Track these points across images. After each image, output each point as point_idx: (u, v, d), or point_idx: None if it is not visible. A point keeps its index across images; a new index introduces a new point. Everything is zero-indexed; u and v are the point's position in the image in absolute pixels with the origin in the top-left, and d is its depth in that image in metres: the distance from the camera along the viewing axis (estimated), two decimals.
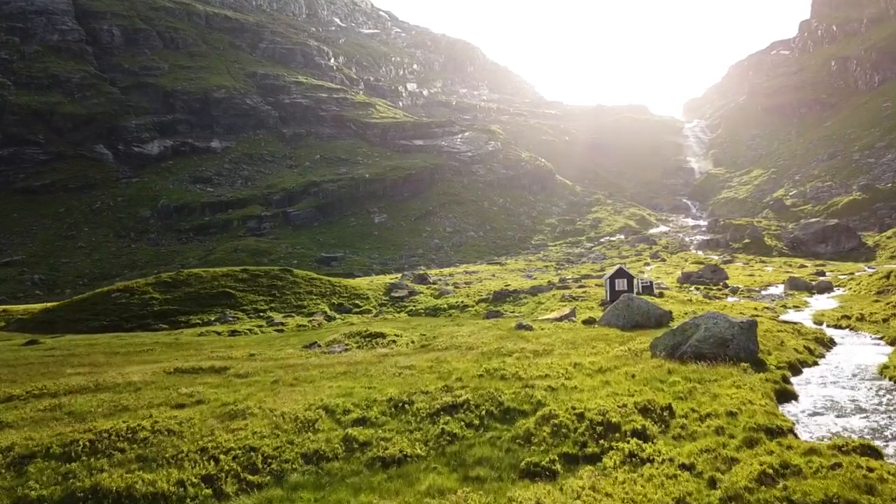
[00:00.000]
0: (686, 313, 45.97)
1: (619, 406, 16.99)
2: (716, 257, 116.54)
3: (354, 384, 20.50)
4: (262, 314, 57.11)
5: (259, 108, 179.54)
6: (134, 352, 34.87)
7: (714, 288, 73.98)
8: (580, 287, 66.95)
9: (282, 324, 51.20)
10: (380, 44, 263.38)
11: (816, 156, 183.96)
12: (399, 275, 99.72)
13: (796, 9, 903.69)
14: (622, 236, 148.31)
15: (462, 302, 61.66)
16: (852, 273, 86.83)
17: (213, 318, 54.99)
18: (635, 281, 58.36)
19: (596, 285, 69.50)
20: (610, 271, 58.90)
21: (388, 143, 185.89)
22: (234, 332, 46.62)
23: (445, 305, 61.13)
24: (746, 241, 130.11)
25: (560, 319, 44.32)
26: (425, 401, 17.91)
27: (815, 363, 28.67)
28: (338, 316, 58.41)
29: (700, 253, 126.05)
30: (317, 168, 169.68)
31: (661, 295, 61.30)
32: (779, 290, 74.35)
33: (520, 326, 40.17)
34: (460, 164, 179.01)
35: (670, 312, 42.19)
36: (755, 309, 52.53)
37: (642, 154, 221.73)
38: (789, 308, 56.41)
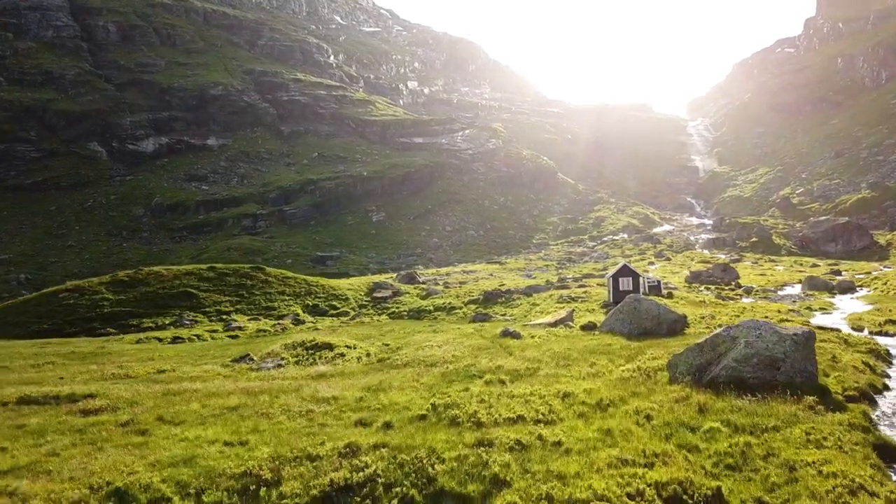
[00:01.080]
0: (702, 317, 38.40)
1: (629, 494, 9.56)
2: (723, 256, 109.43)
3: (222, 434, 13.10)
4: (224, 317, 49.78)
5: (257, 106, 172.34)
6: (30, 365, 27.63)
7: (726, 288, 66.31)
8: (580, 287, 59.39)
9: (240, 328, 43.80)
10: (381, 42, 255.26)
11: (823, 154, 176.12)
12: (394, 274, 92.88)
13: (801, 7, 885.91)
14: (625, 235, 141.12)
15: (449, 303, 54.21)
16: (869, 272, 79.39)
17: (167, 322, 47.71)
18: (641, 280, 50.60)
19: (598, 285, 61.95)
20: (613, 269, 51.16)
21: (387, 140, 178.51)
22: (176, 339, 39.29)
23: (431, 307, 53.69)
24: (754, 239, 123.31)
25: (555, 324, 36.76)
26: (302, 477, 10.45)
27: (885, 387, 21.10)
28: (310, 319, 51.04)
29: (706, 252, 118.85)
30: (314, 166, 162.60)
31: (669, 295, 53.73)
32: (796, 290, 66.73)
33: (505, 333, 32.79)
34: (461, 162, 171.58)
35: (685, 317, 34.58)
36: (778, 311, 44.94)
37: (645, 153, 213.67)
38: (815, 310, 48.67)
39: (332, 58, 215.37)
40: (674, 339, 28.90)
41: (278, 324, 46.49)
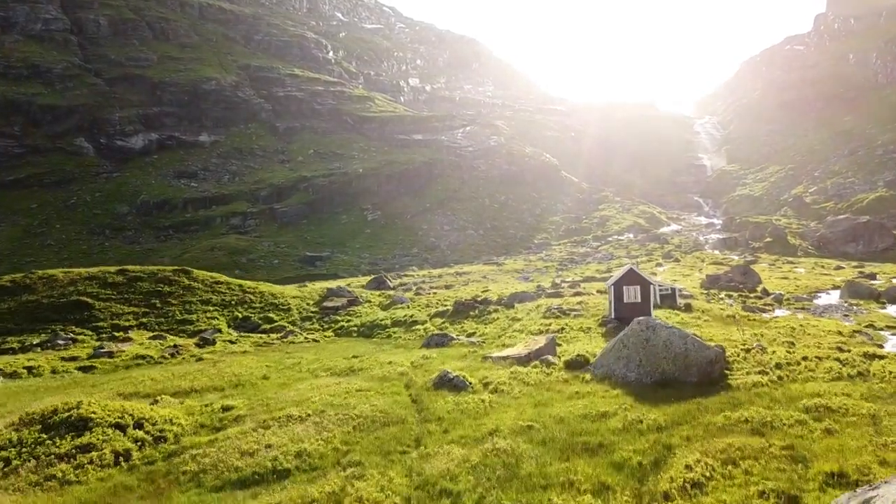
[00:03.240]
0: (745, 349, 25.14)
1: None
2: (736, 257, 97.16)
3: None
4: (118, 334, 37.27)
5: (251, 101, 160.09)
6: None
7: (751, 296, 53.11)
8: (576, 294, 46.29)
9: (110, 354, 31.13)
10: (382, 39, 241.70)
11: (836, 151, 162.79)
12: (369, 277, 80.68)
13: (810, 4, 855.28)
14: (631, 235, 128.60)
15: (411, 316, 41.49)
16: None
17: (36, 342, 35.31)
18: (652, 288, 37.20)
19: (598, 291, 48.87)
20: (617, 274, 37.88)
21: (386, 137, 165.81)
22: None
23: (388, 321, 41.02)
24: (768, 239, 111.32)
25: (527, 360, 23.64)
26: None
27: None
28: (233, 335, 38.46)
29: (717, 252, 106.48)
30: (310, 163, 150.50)
31: (687, 307, 40.62)
32: (833, 297, 53.65)
33: (442, 382, 20.17)
34: (461, 160, 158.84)
35: (722, 351, 21.63)
36: (839, 333, 31.87)
37: (652, 151, 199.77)
38: (881, 329, 35.50)
39: (331, 54, 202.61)
40: (713, 398, 16.48)
41: (175, 347, 33.62)
